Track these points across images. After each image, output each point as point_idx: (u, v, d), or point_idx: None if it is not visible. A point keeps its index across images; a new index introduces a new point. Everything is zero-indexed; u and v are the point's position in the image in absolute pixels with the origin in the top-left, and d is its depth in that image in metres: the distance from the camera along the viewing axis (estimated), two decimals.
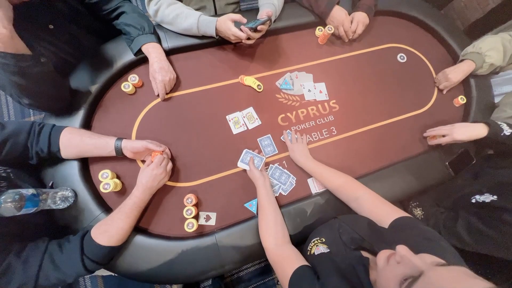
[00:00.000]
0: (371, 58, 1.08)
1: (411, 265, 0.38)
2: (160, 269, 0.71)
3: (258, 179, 0.78)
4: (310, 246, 0.63)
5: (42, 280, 0.58)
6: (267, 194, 0.76)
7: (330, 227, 0.65)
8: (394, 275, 0.38)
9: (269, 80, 0.97)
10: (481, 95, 1.04)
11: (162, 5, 0.85)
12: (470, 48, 1.01)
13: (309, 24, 1.04)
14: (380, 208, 0.65)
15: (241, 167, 0.83)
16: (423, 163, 0.94)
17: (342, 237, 0.59)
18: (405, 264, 0.38)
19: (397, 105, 1.03)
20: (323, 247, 0.59)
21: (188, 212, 0.76)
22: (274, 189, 0.86)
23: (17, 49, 0.57)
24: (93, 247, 0.62)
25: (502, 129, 0.80)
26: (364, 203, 0.69)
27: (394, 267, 0.40)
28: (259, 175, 0.78)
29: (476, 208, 0.78)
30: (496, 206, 0.73)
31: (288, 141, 0.89)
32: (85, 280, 1.36)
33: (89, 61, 0.85)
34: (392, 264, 0.40)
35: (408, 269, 0.37)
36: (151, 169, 0.72)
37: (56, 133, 0.69)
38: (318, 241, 0.62)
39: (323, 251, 0.58)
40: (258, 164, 0.82)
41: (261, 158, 0.83)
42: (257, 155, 0.84)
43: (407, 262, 0.38)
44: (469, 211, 0.79)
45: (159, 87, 0.85)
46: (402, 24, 1.15)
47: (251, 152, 0.84)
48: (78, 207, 0.73)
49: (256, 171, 0.79)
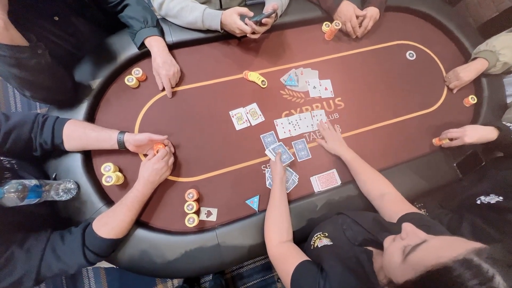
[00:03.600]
0: (379, 55, 1.05)
1: (416, 237, 0.40)
2: (160, 263, 0.72)
3: (278, 173, 0.77)
4: (313, 240, 0.62)
5: (44, 270, 0.59)
6: (282, 190, 0.75)
7: (333, 223, 0.64)
8: (399, 247, 0.41)
9: (274, 76, 0.96)
10: (493, 95, 1.01)
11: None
12: (483, 46, 0.98)
13: (315, 19, 1.02)
14: (401, 208, 0.64)
15: (268, 155, 0.84)
16: (430, 164, 0.92)
17: (346, 232, 0.58)
18: (411, 237, 0.41)
19: (404, 104, 1.01)
20: (326, 240, 0.58)
21: (189, 207, 0.76)
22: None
23: (12, 40, 0.56)
24: (94, 239, 0.63)
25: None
26: (389, 199, 0.70)
27: (399, 242, 0.42)
28: (280, 170, 0.78)
29: (481, 210, 0.76)
30: (501, 207, 0.72)
31: (327, 129, 0.90)
32: (88, 271, 1.39)
33: (93, 54, 0.85)
34: (397, 240, 0.43)
35: (413, 240, 0.40)
36: (152, 163, 0.72)
37: (59, 125, 0.69)
38: (321, 235, 0.61)
39: (327, 244, 0.57)
40: (285, 160, 0.81)
41: (290, 157, 0.83)
42: (288, 152, 0.84)
43: (413, 235, 0.41)
44: (474, 213, 0.78)
45: (164, 82, 0.84)
46: (412, 20, 1.11)
47: (284, 147, 0.85)
48: (81, 199, 0.74)
49: (280, 165, 0.79)
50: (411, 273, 0.37)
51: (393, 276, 0.41)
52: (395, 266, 0.40)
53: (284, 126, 0.91)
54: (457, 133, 0.85)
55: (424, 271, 0.35)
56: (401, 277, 0.39)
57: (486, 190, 0.78)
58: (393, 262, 0.41)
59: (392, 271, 0.41)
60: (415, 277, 0.36)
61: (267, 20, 0.79)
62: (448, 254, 0.34)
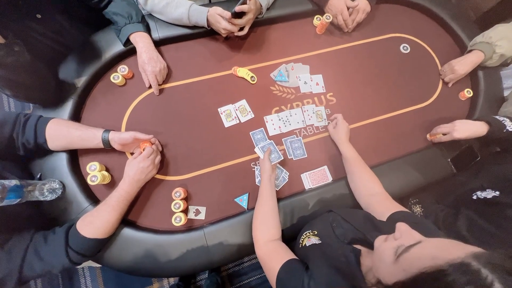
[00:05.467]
0: (372, 49, 1.02)
1: (411, 237, 0.38)
2: (147, 262, 0.71)
3: (266, 171, 0.76)
4: (302, 238, 0.61)
5: (27, 270, 0.58)
6: (271, 188, 0.74)
7: (323, 221, 0.63)
8: (392, 247, 0.39)
9: (263, 71, 0.94)
10: (490, 88, 0.98)
11: None
12: (480, 37, 0.95)
13: (306, 13, 1.00)
14: (388, 207, 0.63)
15: (257, 152, 0.83)
16: (425, 159, 0.90)
17: (336, 230, 0.57)
18: (405, 237, 0.39)
19: (398, 99, 0.98)
20: (315, 239, 0.57)
21: (176, 206, 0.75)
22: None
23: None
24: (77, 239, 0.62)
25: (504, 125, 0.75)
26: (377, 200, 0.69)
27: (391, 241, 0.40)
28: (269, 168, 0.76)
29: (477, 205, 0.75)
30: (498, 202, 0.70)
31: (342, 120, 0.86)
32: (84, 271, 1.40)
33: (79, 52, 0.83)
34: (390, 240, 0.41)
35: (407, 240, 0.38)
36: (138, 161, 0.71)
37: (42, 124, 0.68)
38: (310, 233, 0.60)
39: (315, 243, 0.56)
40: (274, 159, 0.79)
41: (279, 156, 0.80)
42: (278, 151, 0.81)
43: (407, 235, 0.39)
44: (470, 208, 0.76)
45: (151, 79, 0.83)
46: (406, 12, 1.08)
47: (274, 146, 0.83)
48: (67, 199, 0.73)
49: (268, 163, 0.77)
50: (401, 274, 0.35)
51: (382, 277, 0.40)
52: (386, 266, 0.39)
53: (274, 122, 0.89)
54: (447, 128, 0.83)
55: (416, 273, 0.33)
56: (390, 277, 0.37)
57: (482, 185, 0.77)
58: (384, 262, 0.39)
59: (382, 271, 0.40)
60: (405, 278, 0.34)
61: (242, 7, 0.76)
62: (444, 256, 0.32)
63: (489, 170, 0.81)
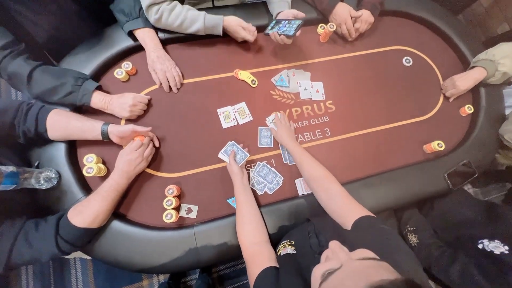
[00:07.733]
0: (374, 60, 1.03)
1: (336, 259, 0.36)
2: (135, 257, 0.71)
3: (236, 174, 0.75)
4: (279, 248, 0.61)
5: (15, 256, 0.59)
6: (244, 190, 0.73)
7: (301, 230, 0.63)
8: (321, 271, 0.36)
9: (265, 75, 0.95)
10: (491, 105, 0.98)
11: (164, 14, 0.80)
12: (483, 55, 0.95)
13: (311, 21, 1.01)
14: (347, 204, 0.61)
15: (221, 158, 0.80)
16: (420, 173, 0.89)
17: (310, 240, 0.57)
18: (332, 259, 0.37)
19: (398, 110, 0.99)
20: (290, 249, 0.57)
21: (168, 202, 0.75)
22: (259, 187, 0.83)
23: None
24: (67, 228, 0.63)
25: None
26: (333, 195, 0.64)
27: (322, 263, 0.38)
28: (238, 171, 0.75)
29: (480, 256, 0.70)
30: (504, 261, 0.65)
31: (278, 118, 0.86)
32: (75, 262, 1.40)
33: (84, 46, 0.85)
34: (322, 261, 0.39)
35: (331, 264, 0.36)
36: (126, 153, 0.72)
37: (43, 113, 0.70)
38: (287, 243, 0.60)
39: (289, 252, 0.55)
40: (240, 160, 0.78)
41: (245, 155, 0.79)
42: (242, 150, 0.80)
43: (334, 257, 0.37)
44: (470, 256, 0.71)
45: (160, 76, 0.84)
46: (410, 25, 1.09)
47: (236, 145, 0.81)
48: (62, 189, 0.74)
49: (235, 166, 0.76)
50: None
51: None
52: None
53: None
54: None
55: None
56: None
57: (493, 234, 0.72)
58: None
59: None
60: None
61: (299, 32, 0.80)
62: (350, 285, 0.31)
63: (508, 221, 0.76)
